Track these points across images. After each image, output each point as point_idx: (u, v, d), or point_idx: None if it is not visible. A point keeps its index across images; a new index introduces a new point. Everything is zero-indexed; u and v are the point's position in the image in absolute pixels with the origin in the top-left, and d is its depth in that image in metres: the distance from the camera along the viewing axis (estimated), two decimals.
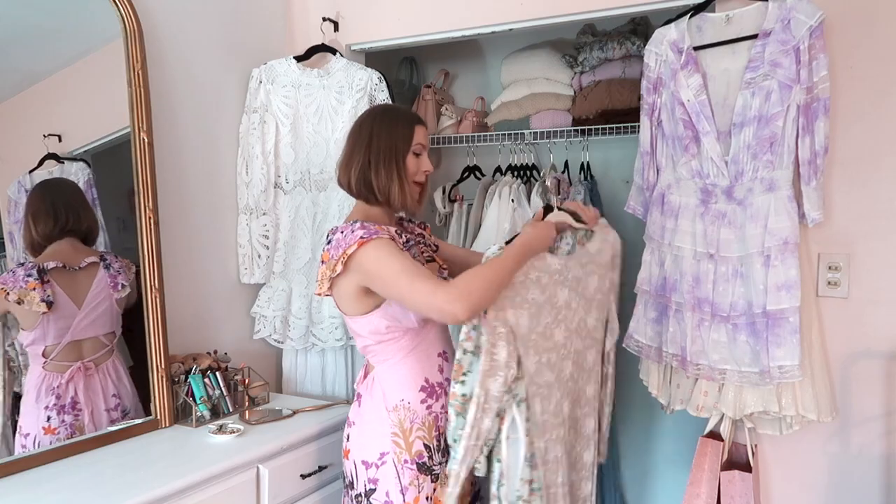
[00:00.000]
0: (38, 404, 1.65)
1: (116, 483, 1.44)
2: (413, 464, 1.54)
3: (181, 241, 2.02)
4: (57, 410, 1.67)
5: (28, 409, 1.64)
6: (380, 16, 2.31)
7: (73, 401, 1.70)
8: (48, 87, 1.72)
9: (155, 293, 1.82)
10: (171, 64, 1.99)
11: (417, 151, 1.62)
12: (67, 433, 1.67)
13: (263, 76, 2.22)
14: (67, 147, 1.72)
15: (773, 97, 1.63)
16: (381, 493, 1.54)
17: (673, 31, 1.79)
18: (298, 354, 2.30)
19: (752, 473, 1.73)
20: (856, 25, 1.67)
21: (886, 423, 1.69)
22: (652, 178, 1.89)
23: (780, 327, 1.62)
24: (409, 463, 1.53)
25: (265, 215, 2.23)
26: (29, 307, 1.64)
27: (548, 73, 2.48)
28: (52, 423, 1.66)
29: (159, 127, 1.90)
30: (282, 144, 2.24)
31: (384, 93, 2.20)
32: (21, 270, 1.65)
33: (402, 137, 1.60)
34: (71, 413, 1.70)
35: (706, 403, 1.78)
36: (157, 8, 1.94)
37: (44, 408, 1.66)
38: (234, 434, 1.72)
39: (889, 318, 1.68)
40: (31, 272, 1.65)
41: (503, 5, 2.12)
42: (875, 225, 1.69)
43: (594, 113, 2.35)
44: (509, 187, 2.35)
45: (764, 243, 1.64)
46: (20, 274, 1.64)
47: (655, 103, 1.85)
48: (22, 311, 1.63)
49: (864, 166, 1.69)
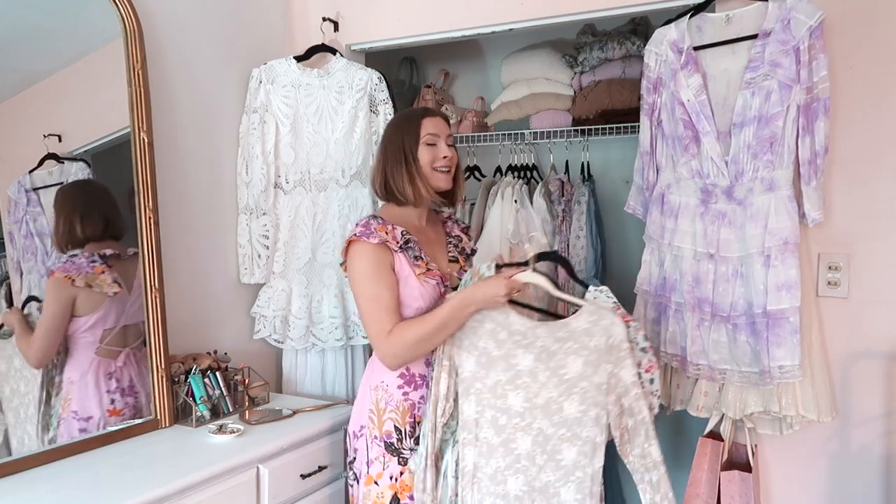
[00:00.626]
0: (98, 388, 1.75)
1: (116, 483, 1.44)
2: (381, 441, 1.66)
3: (181, 241, 2.02)
4: (120, 393, 1.79)
5: (85, 393, 1.73)
6: (380, 16, 2.31)
7: (131, 383, 1.82)
8: (48, 87, 1.72)
9: (155, 293, 1.82)
10: (171, 64, 1.99)
11: (429, 141, 1.67)
12: (130, 414, 1.79)
13: (263, 76, 2.22)
14: (67, 147, 1.72)
15: (773, 97, 1.63)
16: (358, 463, 1.70)
17: (673, 31, 1.79)
18: (298, 354, 2.30)
19: (752, 473, 1.73)
20: (856, 25, 1.67)
21: (886, 423, 1.69)
22: (652, 178, 1.89)
23: (781, 327, 1.62)
24: (378, 440, 1.66)
25: (265, 215, 2.23)
26: (99, 290, 1.75)
27: (548, 73, 2.49)
28: (117, 405, 1.77)
29: (159, 127, 1.90)
30: (282, 144, 2.24)
31: (384, 93, 2.20)
32: (81, 258, 1.74)
33: (409, 132, 1.68)
34: (131, 395, 1.81)
35: (706, 403, 1.78)
36: (157, 8, 1.94)
37: (105, 391, 1.76)
38: (234, 434, 1.72)
39: (889, 318, 1.68)
40: (93, 259, 1.75)
41: (503, 5, 2.12)
42: (875, 225, 1.69)
43: (594, 113, 2.35)
44: (512, 188, 2.35)
45: (764, 243, 1.64)
46: (82, 261, 1.73)
47: (655, 103, 1.85)
48: (88, 295, 1.73)
49: (864, 166, 1.69)
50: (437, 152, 1.67)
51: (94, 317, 1.74)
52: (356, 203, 2.21)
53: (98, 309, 1.75)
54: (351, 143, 2.19)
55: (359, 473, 1.70)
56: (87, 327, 1.73)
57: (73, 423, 1.70)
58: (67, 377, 1.71)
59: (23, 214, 1.66)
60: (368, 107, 2.19)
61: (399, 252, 1.61)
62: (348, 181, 2.21)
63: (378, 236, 1.58)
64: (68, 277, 1.71)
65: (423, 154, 1.66)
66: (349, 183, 2.21)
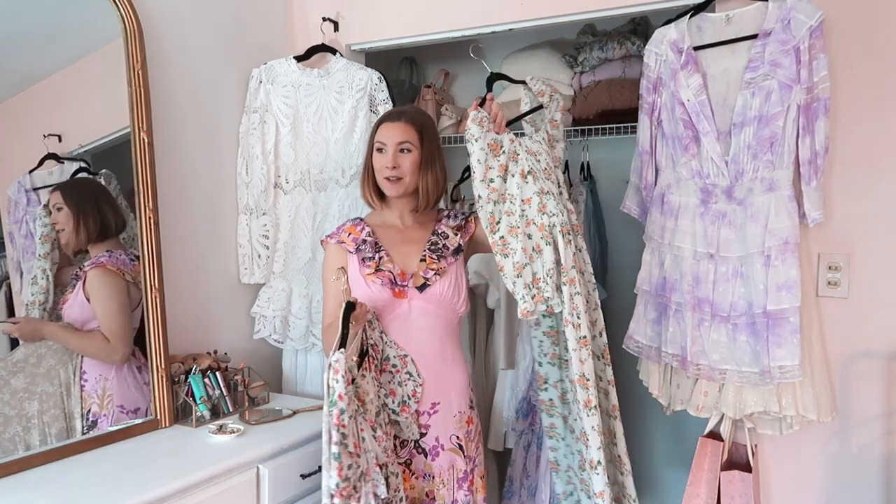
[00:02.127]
0: (137, 381, 1.80)
1: (116, 483, 1.44)
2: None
3: (181, 241, 2.02)
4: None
5: (127, 386, 1.78)
6: (380, 16, 2.31)
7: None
8: (48, 87, 1.72)
9: (155, 293, 1.82)
10: (171, 64, 1.99)
11: (378, 147, 1.74)
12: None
13: (263, 76, 2.22)
14: (67, 147, 1.72)
15: (773, 97, 1.63)
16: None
17: (673, 31, 1.79)
18: (298, 354, 2.30)
19: (752, 473, 1.73)
20: (856, 25, 1.67)
21: (886, 423, 1.69)
22: (650, 178, 1.89)
23: (781, 327, 1.62)
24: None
25: (265, 215, 2.23)
26: (140, 285, 1.80)
27: (548, 73, 2.49)
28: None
29: (159, 127, 1.89)
30: (282, 144, 2.24)
31: (384, 93, 2.20)
32: (123, 254, 1.79)
33: (370, 137, 1.78)
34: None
35: (706, 403, 1.78)
36: (157, 8, 1.94)
37: (144, 384, 1.80)
38: (234, 434, 1.72)
39: (889, 318, 1.68)
40: (132, 256, 1.81)
41: (503, 5, 2.12)
42: (875, 225, 1.69)
43: (594, 113, 2.35)
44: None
45: (764, 243, 1.64)
46: (124, 258, 1.79)
47: (655, 103, 1.85)
48: (132, 291, 1.79)
49: (864, 166, 1.69)
50: (383, 160, 1.72)
51: (135, 313, 1.79)
52: (356, 203, 2.21)
53: (137, 305, 1.79)
54: (351, 143, 2.19)
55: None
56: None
57: (122, 417, 1.75)
58: (99, 374, 1.72)
59: (23, 214, 1.66)
60: (368, 107, 2.19)
61: (353, 253, 1.71)
62: (348, 181, 2.21)
63: (338, 237, 1.75)
64: (120, 270, 1.73)
65: (375, 161, 1.74)
66: (349, 183, 2.21)
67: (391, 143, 1.70)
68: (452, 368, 1.75)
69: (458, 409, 1.75)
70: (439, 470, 1.71)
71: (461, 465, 1.74)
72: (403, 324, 1.69)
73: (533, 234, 1.65)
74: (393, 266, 1.71)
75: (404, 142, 1.70)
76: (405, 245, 1.76)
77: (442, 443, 1.72)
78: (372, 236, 1.74)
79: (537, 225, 1.64)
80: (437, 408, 1.71)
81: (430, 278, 1.70)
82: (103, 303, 1.71)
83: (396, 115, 1.75)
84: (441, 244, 1.76)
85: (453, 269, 1.74)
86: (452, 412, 1.74)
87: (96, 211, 1.75)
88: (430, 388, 1.70)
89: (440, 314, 1.72)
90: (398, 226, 1.79)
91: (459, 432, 1.74)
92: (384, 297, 1.68)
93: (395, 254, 1.73)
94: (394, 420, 1.66)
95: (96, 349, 1.69)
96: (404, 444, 1.70)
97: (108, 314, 1.70)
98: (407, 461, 1.70)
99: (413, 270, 1.71)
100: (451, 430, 1.73)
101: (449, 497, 1.72)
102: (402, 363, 1.67)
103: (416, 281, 1.70)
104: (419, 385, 1.68)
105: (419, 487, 1.70)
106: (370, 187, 1.77)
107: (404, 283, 1.69)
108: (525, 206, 1.66)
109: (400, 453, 1.69)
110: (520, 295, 1.63)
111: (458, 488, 1.73)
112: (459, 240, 1.79)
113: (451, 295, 1.72)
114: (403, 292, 1.69)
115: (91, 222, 1.73)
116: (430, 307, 1.71)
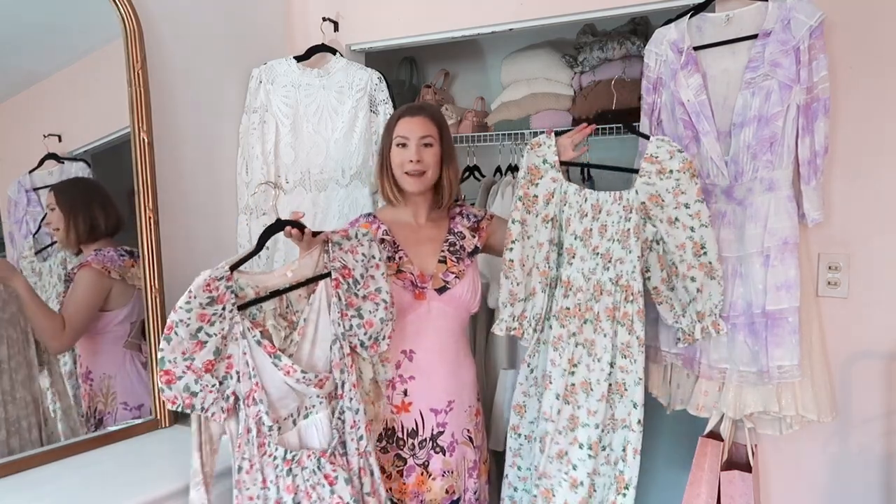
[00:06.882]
0: (140, 377, 1.80)
1: (116, 483, 1.44)
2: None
3: (181, 241, 2.01)
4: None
5: (130, 384, 1.79)
6: (380, 16, 2.31)
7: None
8: (48, 87, 1.72)
9: (155, 293, 1.82)
10: (171, 64, 1.99)
11: (399, 142, 1.70)
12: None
13: (263, 76, 2.22)
14: (67, 147, 1.72)
15: (773, 97, 1.63)
16: None
17: (673, 31, 1.79)
18: None
19: (752, 473, 1.73)
20: (856, 25, 1.67)
21: (886, 423, 1.69)
22: None
23: (780, 327, 1.62)
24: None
25: (265, 215, 2.23)
26: (132, 282, 1.79)
27: (548, 72, 2.48)
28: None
29: (159, 127, 1.89)
30: (282, 144, 2.23)
31: (384, 93, 2.20)
32: (112, 252, 1.77)
33: (387, 133, 1.74)
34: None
35: (706, 403, 1.78)
36: (157, 8, 1.94)
37: (149, 379, 1.78)
38: None
39: (889, 318, 1.68)
40: (122, 252, 1.79)
41: (503, 5, 2.12)
42: (875, 225, 1.68)
43: (594, 113, 2.35)
44: (511, 188, 2.34)
45: (763, 243, 1.64)
46: (112, 255, 1.77)
47: (655, 103, 1.85)
48: (122, 288, 1.77)
49: (864, 166, 1.69)
50: (405, 155, 1.68)
51: (125, 310, 1.78)
52: (356, 203, 2.21)
53: (129, 302, 1.78)
54: (351, 143, 2.19)
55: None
56: (118, 321, 1.77)
57: (126, 414, 1.75)
58: (103, 372, 1.73)
59: (23, 214, 1.66)
60: (368, 107, 2.19)
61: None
62: (348, 181, 2.21)
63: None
64: (105, 269, 1.72)
65: (394, 156, 1.71)
66: (349, 183, 2.21)
67: (414, 138, 1.69)
68: (464, 365, 1.78)
69: (469, 403, 1.78)
70: (456, 463, 1.74)
71: (471, 456, 1.77)
72: (421, 324, 1.70)
73: (534, 275, 1.71)
74: (413, 267, 1.70)
75: (426, 136, 1.70)
76: (421, 245, 1.75)
77: (456, 438, 1.74)
78: (389, 235, 1.72)
79: (540, 270, 1.70)
80: (453, 405, 1.73)
81: (451, 281, 1.70)
82: (74, 293, 1.69)
83: (417, 110, 1.74)
84: (458, 245, 1.76)
85: (470, 271, 1.75)
86: (465, 407, 1.76)
87: (87, 212, 1.74)
88: (446, 386, 1.71)
89: (456, 315, 1.74)
90: (412, 223, 1.77)
91: (470, 425, 1.78)
92: (405, 299, 1.67)
93: (413, 254, 1.72)
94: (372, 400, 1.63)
95: (47, 326, 1.61)
96: (422, 445, 1.71)
97: (74, 303, 1.67)
98: (425, 462, 1.71)
99: (431, 271, 1.71)
100: (464, 424, 1.76)
101: (461, 487, 1.75)
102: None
103: (435, 283, 1.69)
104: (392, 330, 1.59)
105: (436, 489, 1.71)
106: (390, 183, 1.73)
107: (424, 285, 1.69)
108: (537, 249, 1.71)
109: (418, 454, 1.70)
110: (501, 318, 1.72)
111: (468, 477, 1.77)
112: (476, 242, 1.79)
113: (469, 297, 1.74)
114: (423, 294, 1.68)
115: (81, 223, 1.72)
116: (449, 308, 1.72)
